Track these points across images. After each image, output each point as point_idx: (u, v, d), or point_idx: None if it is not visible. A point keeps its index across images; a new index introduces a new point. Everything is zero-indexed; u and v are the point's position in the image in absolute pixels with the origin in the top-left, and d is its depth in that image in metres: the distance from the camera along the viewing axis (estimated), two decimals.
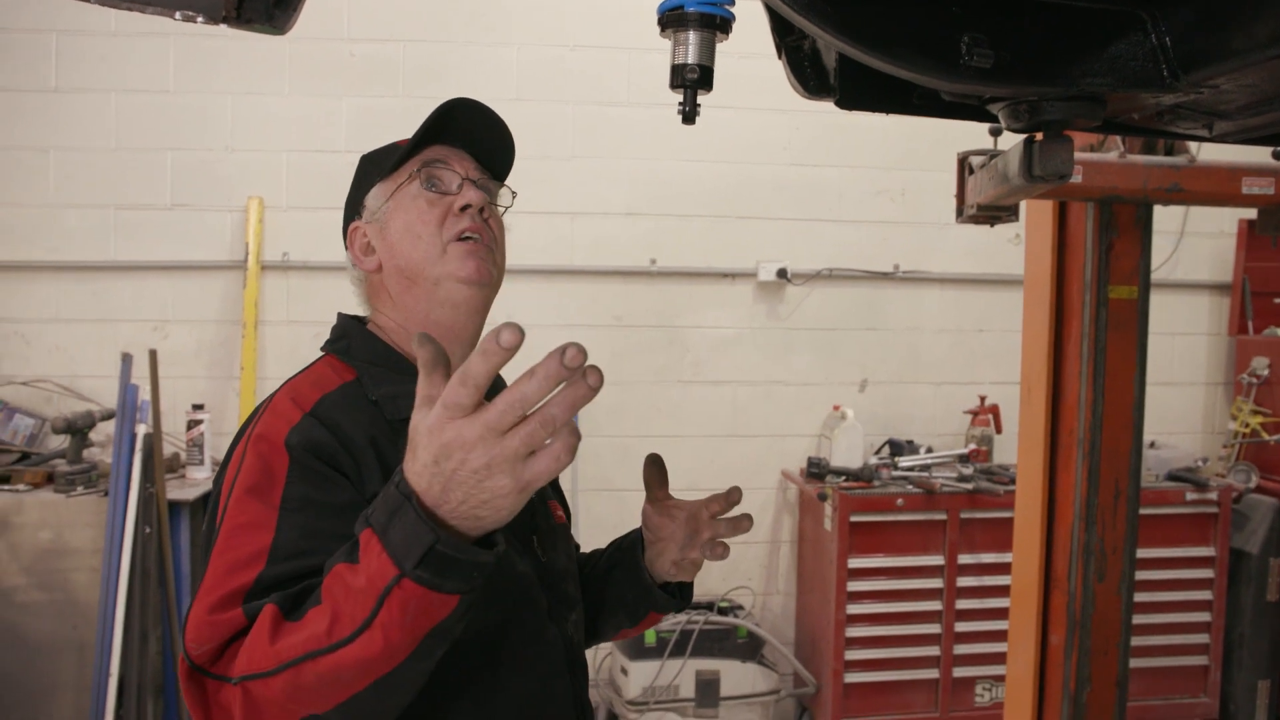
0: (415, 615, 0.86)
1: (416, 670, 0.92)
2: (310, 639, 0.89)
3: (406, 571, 0.84)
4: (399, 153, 1.31)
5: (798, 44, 1.57)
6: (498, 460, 0.81)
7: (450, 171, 1.31)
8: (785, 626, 4.27)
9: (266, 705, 0.92)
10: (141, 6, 1.36)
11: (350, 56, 3.95)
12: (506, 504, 0.84)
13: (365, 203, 1.34)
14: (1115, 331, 2.32)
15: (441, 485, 0.83)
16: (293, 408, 1.14)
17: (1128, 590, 2.40)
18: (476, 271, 1.27)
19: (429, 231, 1.27)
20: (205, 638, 0.96)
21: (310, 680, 0.89)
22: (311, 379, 1.22)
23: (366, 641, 0.87)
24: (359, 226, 1.34)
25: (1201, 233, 4.36)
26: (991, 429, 4.12)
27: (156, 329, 3.91)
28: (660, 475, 1.45)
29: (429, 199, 1.29)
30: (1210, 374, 4.50)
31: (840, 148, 4.18)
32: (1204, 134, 1.59)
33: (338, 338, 1.32)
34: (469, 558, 0.86)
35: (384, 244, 1.30)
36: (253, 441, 1.11)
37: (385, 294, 1.32)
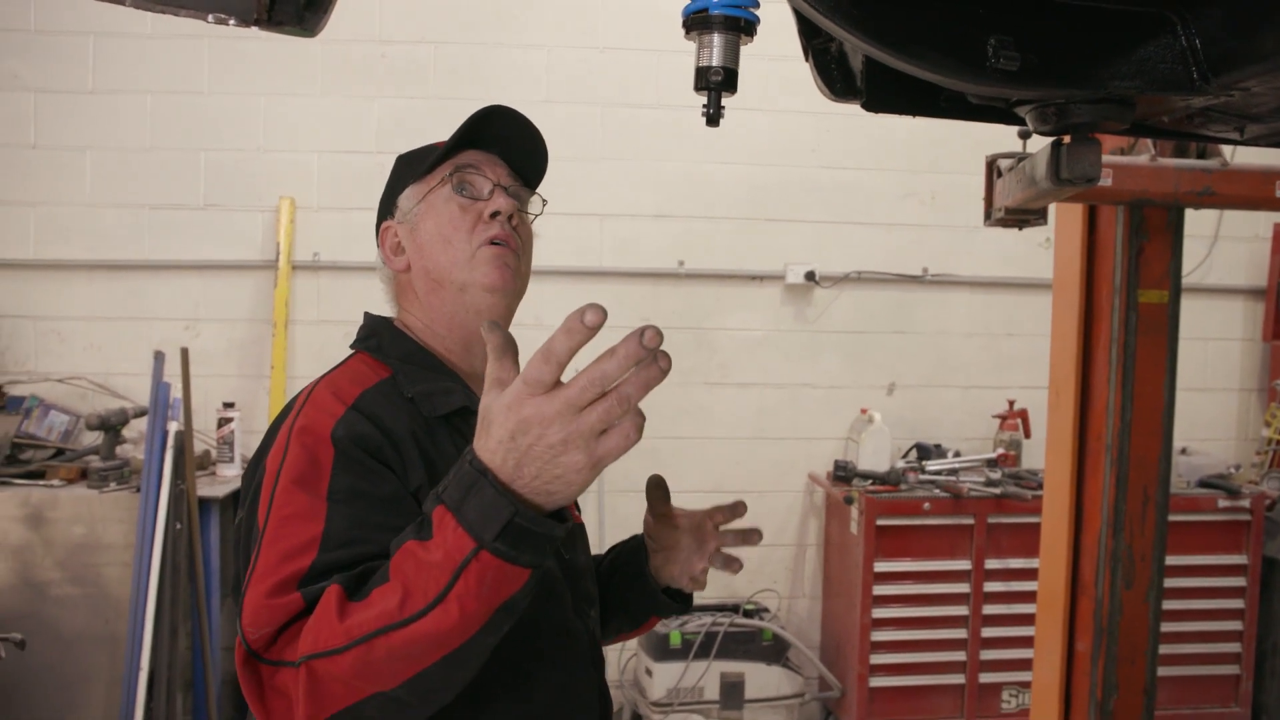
0: (491, 587, 0.88)
1: (485, 645, 0.93)
2: (382, 614, 0.90)
3: (485, 544, 0.86)
4: (433, 155, 1.32)
5: (824, 46, 1.57)
6: (574, 436, 0.84)
7: (482, 177, 1.32)
8: (811, 630, 4.25)
9: (332, 683, 0.92)
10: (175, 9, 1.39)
11: (382, 58, 3.99)
12: (579, 479, 0.86)
13: (398, 203, 1.35)
14: (1145, 336, 2.30)
15: (516, 460, 0.86)
16: (335, 401, 1.16)
17: (1156, 598, 2.37)
18: (501, 280, 1.29)
19: (459, 236, 1.29)
20: (264, 621, 0.97)
21: (381, 655, 0.90)
22: (349, 375, 1.24)
23: (441, 615, 0.88)
24: (390, 226, 1.36)
25: (1236, 237, 4.30)
26: (1020, 433, 4.09)
27: (188, 328, 3.97)
28: (663, 495, 1.46)
29: (461, 204, 1.31)
30: (1244, 380, 4.44)
31: (870, 150, 4.16)
32: (1235, 137, 1.57)
33: (367, 336, 1.33)
34: (544, 530, 0.88)
35: (414, 245, 1.32)
36: (296, 434, 1.11)
37: (412, 294, 1.34)
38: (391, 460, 1.12)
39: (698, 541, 1.44)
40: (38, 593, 3.37)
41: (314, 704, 0.93)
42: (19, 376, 3.89)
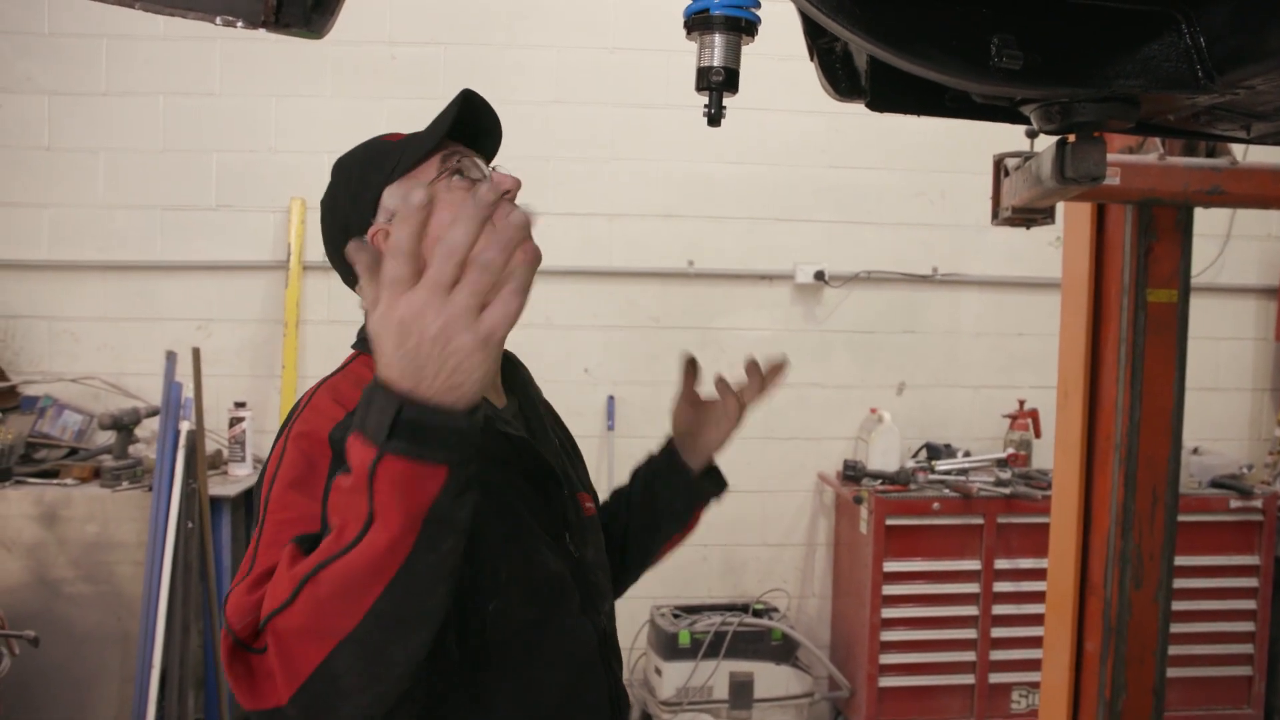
0: (405, 493, 0.86)
1: (427, 564, 0.89)
2: (321, 552, 0.90)
3: (382, 446, 0.85)
4: (415, 149, 1.28)
5: (829, 46, 1.57)
6: (452, 319, 0.83)
7: (472, 163, 1.31)
8: (820, 629, 4.25)
9: (294, 638, 0.90)
10: (183, 12, 1.40)
11: (391, 59, 4.01)
12: (474, 363, 0.85)
13: (382, 204, 1.28)
14: (1154, 336, 2.29)
15: (410, 366, 0.85)
16: (334, 406, 1.14)
17: (1165, 598, 2.36)
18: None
19: None
20: (246, 611, 0.96)
21: (326, 592, 0.88)
22: (351, 379, 1.22)
23: (372, 536, 0.87)
24: (382, 229, 1.28)
25: (1249, 235, 4.28)
26: (1030, 433, 4.07)
27: (200, 328, 3.99)
28: (695, 371, 1.58)
29: (466, 189, 1.27)
30: (1257, 380, 4.41)
31: (879, 150, 4.16)
32: (1242, 135, 1.57)
33: (366, 337, 1.32)
34: (441, 422, 0.86)
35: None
36: (293, 438, 1.11)
37: None
38: None
39: (726, 412, 1.53)
40: (51, 591, 3.40)
41: (287, 670, 0.90)
42: (33, 376, 3.93)
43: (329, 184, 1.36)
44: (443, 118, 1.28)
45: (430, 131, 1.28)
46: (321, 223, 1.37)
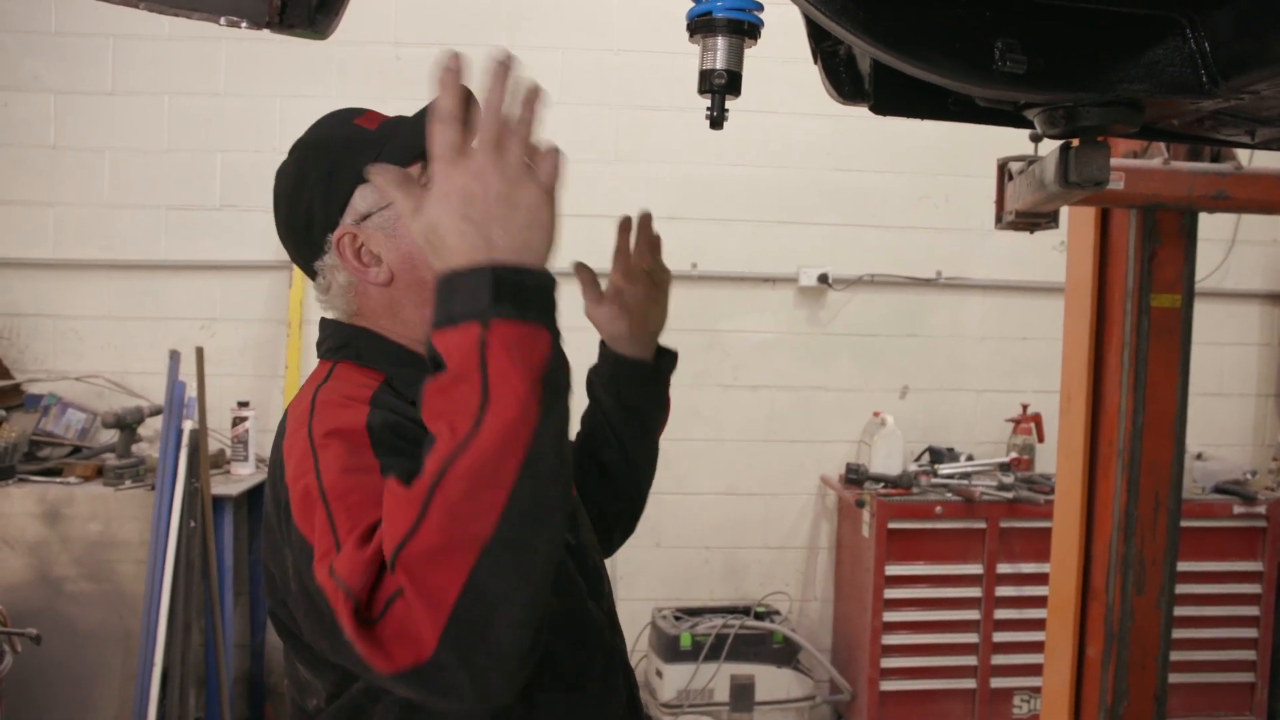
0: (521, 357, 0.83)
1: (552, 435, 0.85)
2: (438, 457, 0.83)
3: (489, 312, 0.83)
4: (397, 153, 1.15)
5: (833, 49, 1.57)
6: (512, 171, 0.84)
7: None
8: (822, 633, 4.25)
9: (430, 562, 0.81)
10: (188, 12, 1.40)
11: (396, 60, 4.01)
12: (545, 215, 0.86)
13: (353, 205, 1.17)
14: (1157, 340, 2.28)
15: (480, 234, 0.84)
16: (350, 402, 1.07)
17: (1167, 603, 2.36)
18: None
19: None
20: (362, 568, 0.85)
21: (458, 493, 0.81)
22: (346, 382, 1.13)
23: (492, 417, 0.82)
24: (348, 232, 1.17)
25: (1254, 241, 4.27)
26: (1034, 438, 4.07)
27: (204, 327, 4.00)
28: (590, 278, 1.47)
29: None
30: (1261, 385, 4.40)
31: (884, 153, 4.15)
32: (1246, 140, 1.57)
33: (342, 345, 1.20)
34: (535, 281, 0.85)
35: (398, 254, 1.16)
36: (322, 438, 1.01)
37: (387, 309, 1.19)
38: None
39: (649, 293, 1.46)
40: (54, 589, 3.40)
41: (430, 602, 0.81)
42: (37, 375, 3.93)
43: (290, 163, 1.25)
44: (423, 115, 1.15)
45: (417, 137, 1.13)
46: (277, 206, 1.25)
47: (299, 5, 1.39)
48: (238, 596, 3.61)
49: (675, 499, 4.11)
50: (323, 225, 1.19)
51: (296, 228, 1.22)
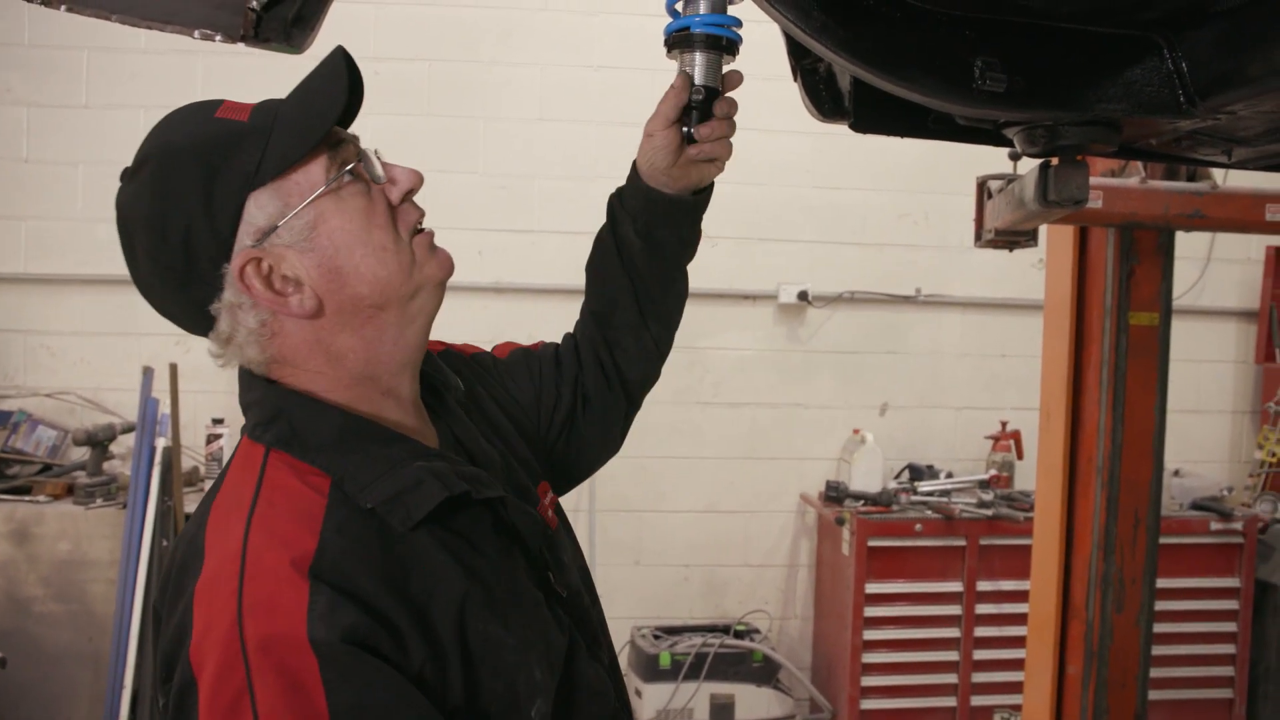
0: None
1: None
2: None
3: None
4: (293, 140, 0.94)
5: (813, 67, 1.57)
6: None
7: (365, 151, 1.00)
8: (802, 651, 4.23)
9: None
10: (161, 25, 1.38)
11: (375, 75, 3.96)
12: None
13: (247, 219, 0.94)
14: (1135, 359, 2.29)
15: None
16: (291, 575, 0.83)
17: (1147, 622, 2.36)
18: (451, 264, 1.04)
19: (391, 237, 0.98)
20: None
21: None
22: (283, 508, 0.90)
23: None
24: (254, 257, 0.94)
25: (1229, 259, 4.31)
26: (1013, 455, 4.08)
27: (179, 343, 3.94)
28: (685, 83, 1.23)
29: (366, 196, 0.98)
30: (1237, 402, 4.44)
31: (863, 170, 4.17)
32: (1223, 160, 1.58)
33: (271, 419, 0.96)
34: None
35: (322, 271, 0.96)
36: (255, 653, 0.79)
37: (318, 345, 0.98)
38: (390, 651, 0.85)
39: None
40: (21, 610, 3.34)
41: None
42: (7, 391, 3.87)
43: (141, 185, 0.96)
44: (329, 91, 0.97)
45: (316, 110, 0.96)
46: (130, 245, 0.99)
47: (274, 19, 1.37)
48: None
49: (655, 516, 4.09)
50: (211, 255, 0.94)
51: (170, 265, 0.95)
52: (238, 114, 0.96)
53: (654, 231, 1.32)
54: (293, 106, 0.96)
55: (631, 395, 1.41)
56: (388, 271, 0.98)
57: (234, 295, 0.95)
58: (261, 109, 0.97)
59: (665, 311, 1.43)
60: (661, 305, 1.41)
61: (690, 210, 1.33)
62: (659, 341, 1.43)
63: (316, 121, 0.94)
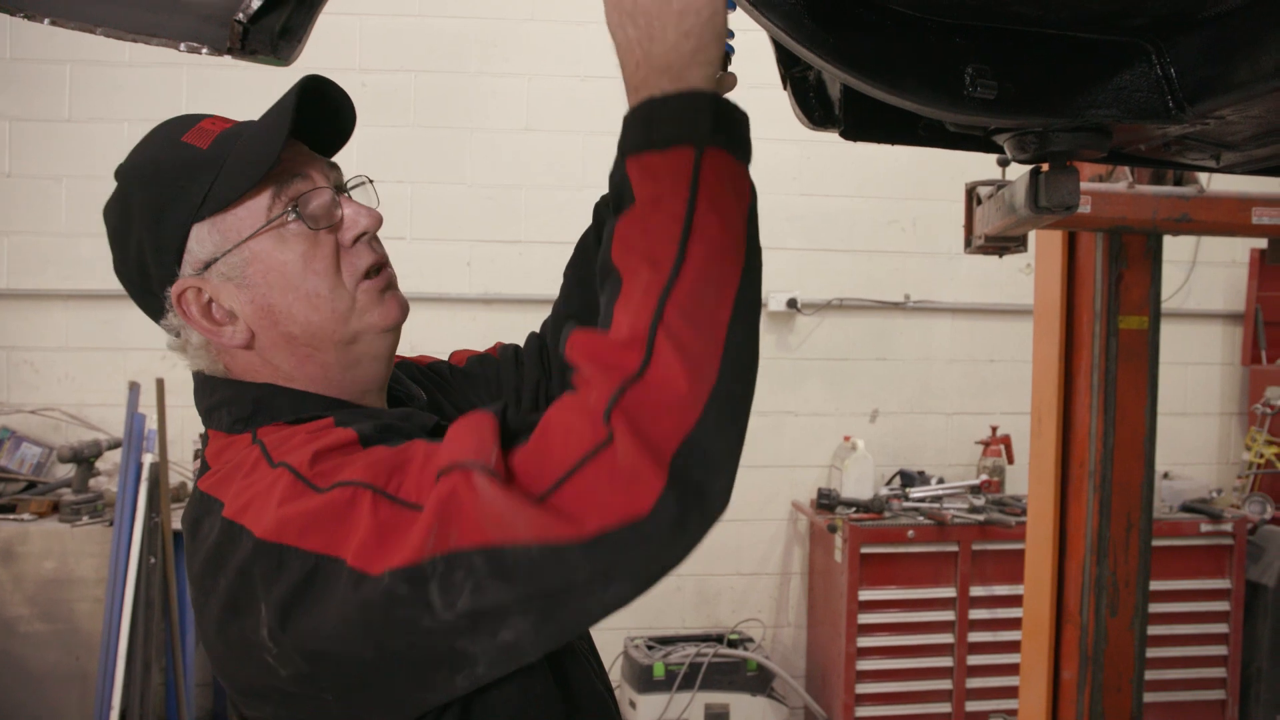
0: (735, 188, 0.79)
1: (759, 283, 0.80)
2: (650, 293, 0.75)
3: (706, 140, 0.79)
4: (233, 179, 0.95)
5: (803, 75, 1.57)
6: None
7: (318, 191, 0.99)
8: (796, 659, 4.22)
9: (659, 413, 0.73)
10: (147, 38, 1.37)
11: (362, 86, 3.98)
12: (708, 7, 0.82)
13: (189, 248, 0.96)
14: (1126, 362, 2.30)
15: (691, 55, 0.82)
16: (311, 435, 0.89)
17: (1141, 625, 2.36)
18: (400, 312, 1.03)
19: (328, 284, 0.97)
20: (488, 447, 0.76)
21: (682, 330, 0.74)
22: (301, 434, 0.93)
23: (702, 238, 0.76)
24: (190, 285, 0.97)
25: (1214, 262, 4.33)
26: (1003, 459, 4.08)
27: (164, 358, 3.89)
28: None
29: (309, 238, 0.97)
30: (1224, 404, 4.46)
31: (850, 178, 4.18)
32: (1211, 164, 1.58)
33: (252, 413, 0.98)
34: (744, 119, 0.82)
35: (254, 308, 0.97)
36: (310, 465, 0.84)
37: (265, 369, 1.00)
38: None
39: None
40: (6, 629, 3.29)
41: (650, 453, 0.74)
42: None
43: (114, 198, 1.03)
44: (271, 129, 0.97)
45: (256, 150, 0.96)
46: (112, 249, 1.04)
47: (262, 32, 1.36)
48: None
49: None
50: (159, 277, 0.98)
51: (131, 278, 1.01)
52: (201, 140, 0.98)
53: None
54: (246, 141, 0.97)
55: None
56: (320, 317, 0.98)
57: (175, 318, 0.99)
58: (225, 137, 0.99)
59: None
60: None
61: None
62: None
63: (256, 164, 0.95)
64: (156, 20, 1.38)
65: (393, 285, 1.04)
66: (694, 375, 0.74)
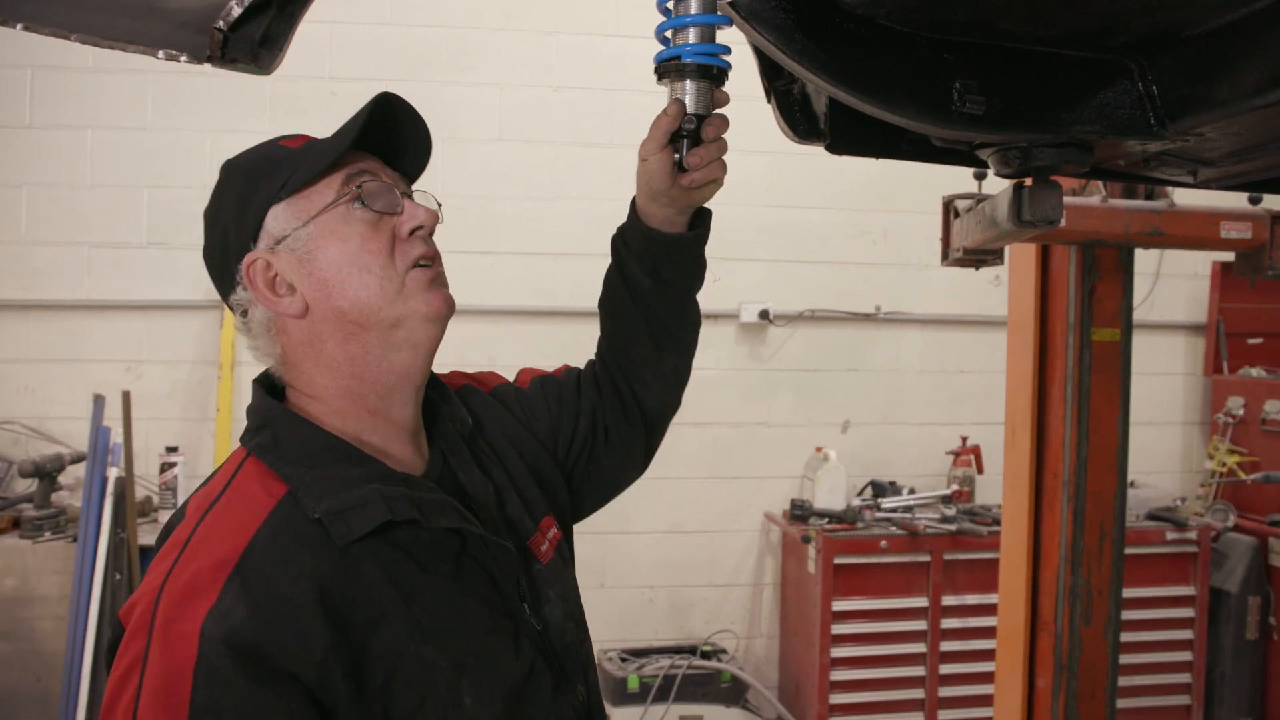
0: None
1: None
2: None
3: None
4: (306, 162, 1.08)
5: (787, 88, 1.57)
6: None
7: (383, 184, 1.10)
8: (769, 670, 4.22)
9: None
10: (124, 46, 1.34)
11: (332, 95, 3.95)
12: None
13: (265, 227, 1.07)
14: (1099, 374, 2.33)
15: None
16: (212, 571, 0.92)
17: (1114, 633, 2.39)
18: (445, 303, 1.11)
19: (380, 262, 1.07)
20: None
21: None
22: (235, 508, 0.99)
23: None
24: (260, 258, 1.07)
25: (1177, 274, 4.41)
26: (973, 469, 4.12)
27: (130, 369, 3.85)
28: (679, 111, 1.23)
29: (369, 220, 1.07)
30: (1187, 414, 4.53)
31: (821, 190, 4.20)
32: (1188, 180, 1.61)
33: (259, 427, 1.07)
34: None
35: (312, 280, 1.06)
36: (158, 632, 0.89)
37: (311, 348, 1.08)
38: (280, 652, 0.91)
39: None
40: None
41: None
42: None
43: (215, 185, 1.16)
44: (349, 126, 1.10)
45: (332, 142, 1.09)
46: (204, 228, 1.15)
47: (242, 40, 1.34)
48: None
49: (619, 538, 4.06)
50: (237, 251, 1.08)
51: (214, 257, 1.12)
52: (296, 143, 1.13)
53: (659, 269, 1.36)
54: (326, 139, 1.11)
55: (651, 424, 1.45)
56: (368, 293, 1.06)
57: (243, 290, 1.08)
58: (311, 141, 1.13)
59: (681, 342, 1.46)
60: (677, 336, 1.45)
61: (691, 245, 1.38)
62: (677, 371, 1.47)
63: (328, 150, 1.08)
64: (133, 27, 1.35)
65: (442, 280, 1.12)
66: None
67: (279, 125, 3.97)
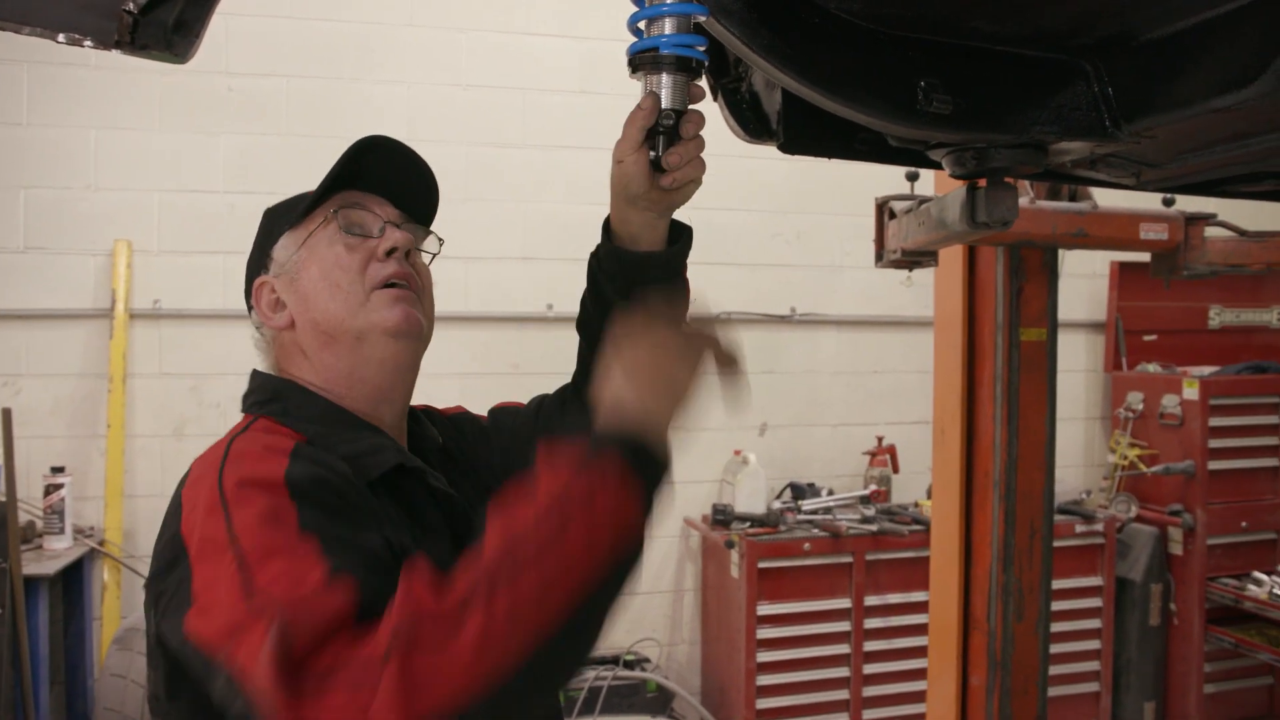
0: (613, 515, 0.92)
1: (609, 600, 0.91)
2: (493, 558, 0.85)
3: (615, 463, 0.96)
4: (309, 197, 1.18)
5: (734, 86, 1.53)
6: None
7: (369, 214, 1.19)
8: (690, 676, 4.18)
9: (435, 672, 0.78)
10: (16, 27, 1.20)
11: (228, 91, 3.74)
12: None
13: (273, 255, 1.19)
14: (1027, 373, 2.36)
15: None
16: (269, 452, 1.00)
17: (1045, 628, 2.42)
18: (405, 319, 1.15)
19: (348, 278, 1.14)
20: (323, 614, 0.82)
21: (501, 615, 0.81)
22: (262, 436, 1.06)
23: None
24: (265, 281, 1.19)
25: (1077, 274, 4.54)
26: (889, 469, 4.17)
27: (7, 384, 3.57)
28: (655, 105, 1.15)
29: (348, 243, 1.16)
30: (1089, 409, 4.68)
31: (735, 191, 4.18)
32: (1131, 182, 1.62)
33: (268, 399, 1.15)
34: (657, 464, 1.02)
35: (296, 296, 1.16)
36: (234, 488, 0.94)
37: (300, 354, 1.17)
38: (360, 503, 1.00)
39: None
40: None
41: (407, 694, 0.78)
42: None
43: None
44: (342, 160, 1.17)
45: (327, 179, 1.17)
46: None
47: (153, 24, 1.22)
48: (53, 686, 3.20)
49: None
50: (252, 279, 1.22)
51: (246, 286, 1.24)
52: None
53: (634, 291, 1.31)
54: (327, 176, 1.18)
55: None
56: (335, 305, 1.14)
57: (254, 313, 1.21)
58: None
59: None
60: None
61: (667, 263, 1.32)
62: None
63: (322, 186, 1.17)
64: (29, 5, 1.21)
65: (410, 300, 1.17)
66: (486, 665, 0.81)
67: (170, 121, 3.77)
